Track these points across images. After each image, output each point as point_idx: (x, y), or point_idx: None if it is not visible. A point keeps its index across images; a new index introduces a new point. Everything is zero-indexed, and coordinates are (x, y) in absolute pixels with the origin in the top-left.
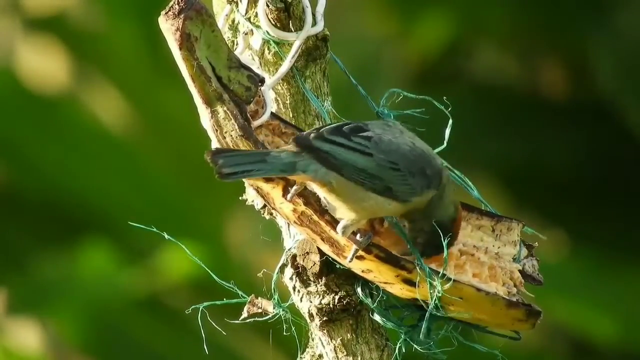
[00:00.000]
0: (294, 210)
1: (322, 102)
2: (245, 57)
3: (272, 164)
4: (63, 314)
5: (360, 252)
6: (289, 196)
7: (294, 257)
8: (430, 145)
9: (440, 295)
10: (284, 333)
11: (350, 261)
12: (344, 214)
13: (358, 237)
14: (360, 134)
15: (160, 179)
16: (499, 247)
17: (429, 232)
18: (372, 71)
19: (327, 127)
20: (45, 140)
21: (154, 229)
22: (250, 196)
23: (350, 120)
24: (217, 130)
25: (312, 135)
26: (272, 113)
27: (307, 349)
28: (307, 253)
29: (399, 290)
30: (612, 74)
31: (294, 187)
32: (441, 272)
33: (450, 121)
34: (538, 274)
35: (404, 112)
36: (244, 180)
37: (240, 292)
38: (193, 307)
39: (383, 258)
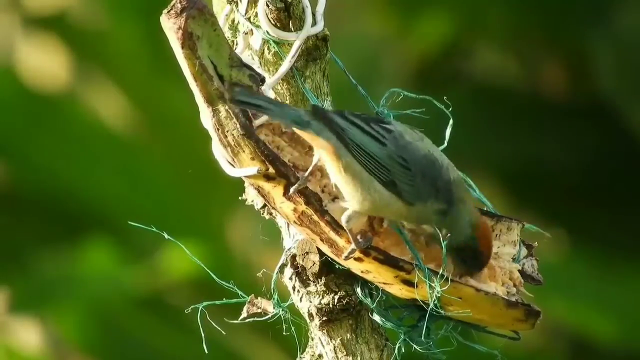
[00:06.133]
0: (294, 210)
1: (322, 102)
2: (245, 56)
3: (287, 112)
4: (64, 312)
5: (359, 254)
6: (292, 189)
7: (294, 257)
8: None
9: (439, 295)
10: (284, 333)
11: (346, 260)
12: (350, 202)
13: (358, 237)
14: (382, 125)
15: (161, 178)
16: (498, 247)
17: (457, 250)
18: (372, 71)
19: (350, 111)
20: (46, 139)
21: (154, 229)
22: (250, 196)
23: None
24: (218, 129)
25: (331, 109)
26: None
27: (307, 349)
28: (307, 253)
29: (398, 290)
30: (612, 74)
31: (296, 184)
32: (440, 273)
33: (451, 121)
34: (538, 274)
35: (404, 112)
36: (244, 178)
37: (240, 292)
38: (193, 306)
39: (381, 260)
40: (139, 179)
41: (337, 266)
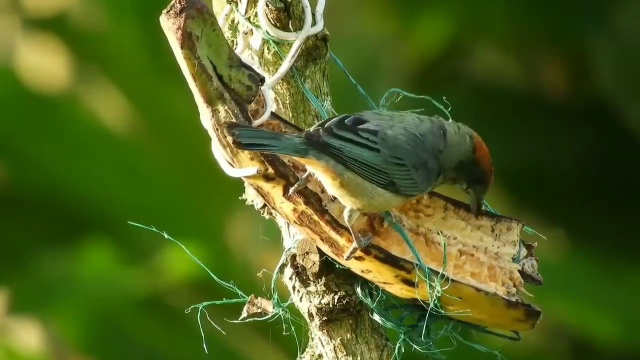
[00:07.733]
0: (294, 210)
1: (322, 102)
2: (245, 56)
3: (286, 144)
4: (64, 313)
5: (360, 253)
6: (291, 190)
7: (294, 257)
8: None
9: (439, 295)
10: (284, 333)
11: (347, 259)
12: (351, 204)
13: (359, 235)
14: (366, 128)
15: (160, 179)
16: (498, 247)
17: (460, 174)
18: (372, 71)
19: (331, 120)
20: (46, 140)
21: (154, 229)
22: (250, 196)
23: (347, 114)
24: (218, 130)
25: (320, 131)
26: (272, 112)
27: (307, 349)
28: (307, 253)
29: (399, 290)
30: (612, 74)
31: (295, 185)
32: (440, 273)
33: (450, 121)
34: (537, 274)
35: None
36: (244, 178)
37: (240, 292)
38: (193, 306)
39: (382, 259)
40: (139, 179)
41: (337, 266)
